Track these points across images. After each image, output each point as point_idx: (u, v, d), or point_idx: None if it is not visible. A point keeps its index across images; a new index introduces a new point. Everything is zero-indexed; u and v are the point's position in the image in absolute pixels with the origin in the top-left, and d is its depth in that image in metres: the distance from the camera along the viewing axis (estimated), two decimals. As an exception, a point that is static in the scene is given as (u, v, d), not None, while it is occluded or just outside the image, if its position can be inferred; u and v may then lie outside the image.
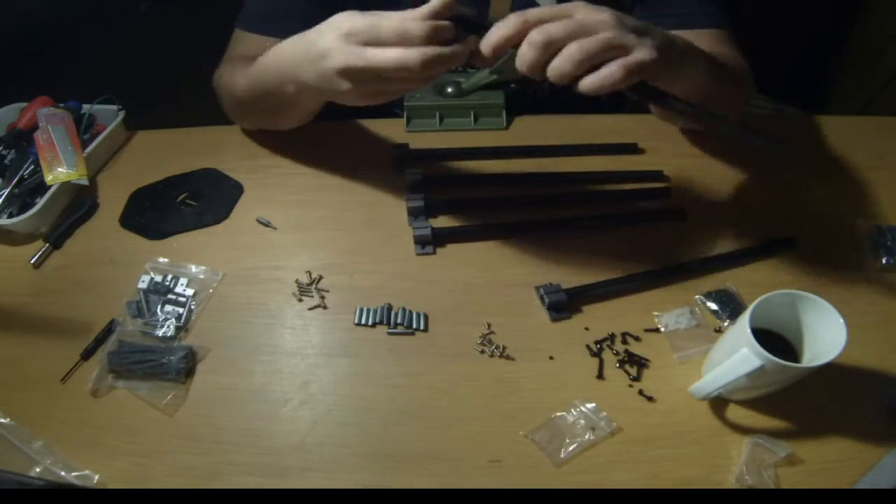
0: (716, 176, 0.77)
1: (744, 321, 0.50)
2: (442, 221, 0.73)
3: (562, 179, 0.77)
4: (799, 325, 0.53)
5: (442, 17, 0.51)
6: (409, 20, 0.50)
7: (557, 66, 0.49)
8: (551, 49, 0.49)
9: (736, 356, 0.49)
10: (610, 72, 0.48)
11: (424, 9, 0.51)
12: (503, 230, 0.71)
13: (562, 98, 0.90)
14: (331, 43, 0.53)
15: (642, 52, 0.49)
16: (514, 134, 0.84)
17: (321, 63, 0.54)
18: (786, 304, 0.52)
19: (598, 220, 0.73)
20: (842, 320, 0.48)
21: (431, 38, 0.50)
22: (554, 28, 0.48)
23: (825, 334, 0.50)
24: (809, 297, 0.50)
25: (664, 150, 0.81)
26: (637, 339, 0.61)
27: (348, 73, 0.53)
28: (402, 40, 0.50)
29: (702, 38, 0.72)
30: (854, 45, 1.52)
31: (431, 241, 0.69)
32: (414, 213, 0.72)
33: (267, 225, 0.73)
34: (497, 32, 0.50)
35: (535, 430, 0.55)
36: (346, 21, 0.52)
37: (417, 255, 0.69)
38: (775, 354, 0.47)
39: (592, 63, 0.49)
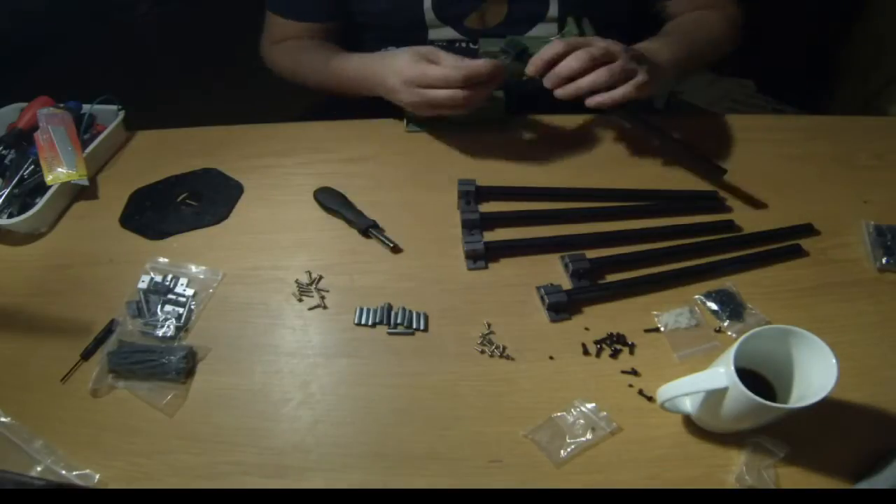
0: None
1: (729, 353, 0.47)
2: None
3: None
4: (789, 361, 0.50)
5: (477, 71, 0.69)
6: (450, 71, 0.69)
7: (589, 81, 0.67)
8: (584, 68, 0.67)
9: (707, 371, 0.49)
10: (626, 91, 0.67)
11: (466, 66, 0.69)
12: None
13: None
14: (397, 86, 0.73)
15: (643, 76, 0.68)
16: (514, 134, 0.84)
17: (392, 96, 0.76)
18: (776, 340, 0.49)
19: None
20: (834, 360, 0.46)
21: (468, 80, 0.69)
22: (593, 53, 0.67)
23: (815, 370, 0.47)
24: (800, 333, 0.48)
25: (660, 150, 0.80)
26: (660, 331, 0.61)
27: (412, 106, 0.74)
28: (446, 84, 0.70)
29: None
30: (854, 45, 1.52)
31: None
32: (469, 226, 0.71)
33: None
34: (546, 53, 0.68)
35: (535, 430, 0.55)
36: (406, 70, 0.71)
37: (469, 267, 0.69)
38: (755, 392, 0.45)
39: (610, 83, 0.67)
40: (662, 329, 0.62)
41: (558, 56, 0.68)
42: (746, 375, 0.47)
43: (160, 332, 0.62)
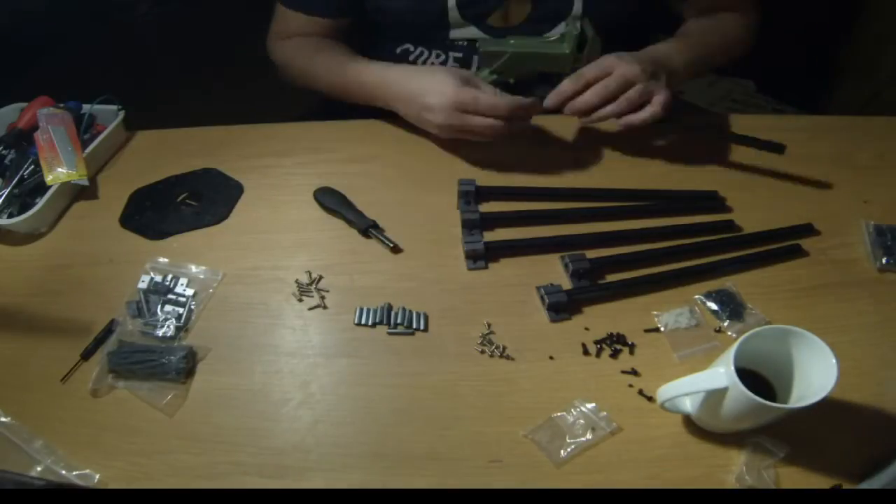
0: (714, 177, 0.77)
1: (729, 353, 0.47)
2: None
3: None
4: (789, 361, 0.50)
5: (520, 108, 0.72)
6: (499, 100, 0.70)
7: (610, 110, 0.71)
8: (604, 101, 0.70)
9: (707, 371, 0.49)
10: (654, 111, 0.71)
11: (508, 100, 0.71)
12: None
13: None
14: (439, 104, 0.72)
15: (664, 93, 0.71)
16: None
17: (425, 114, 0.74)
18: (776, 340, 0.49)
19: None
20: (834, 360, 0.46)
21: (512, 112, 0.71)
22: (610, 85, 0.70)
23: (815, 370, 0.47)
24: (800, 333, 0.48)
25: (661, 149, 0.80)
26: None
27: (443, 128, 0.74)
28: (493, 112, 0.70)
29: None
30: (854, 45, 1.52)
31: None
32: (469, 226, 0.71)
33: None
34: (565, 88, 0.72)
35: (535, 430, 0.55)
36: (453, 92, 0.71)
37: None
38: (755, 392, 0.45)
39: (632, 109, 0.71)
40: (662, 329, 0.62)
41: (576, 92, 0.71)
42: (746, 375, 0.47)
43: (160, 332, 0.62)
